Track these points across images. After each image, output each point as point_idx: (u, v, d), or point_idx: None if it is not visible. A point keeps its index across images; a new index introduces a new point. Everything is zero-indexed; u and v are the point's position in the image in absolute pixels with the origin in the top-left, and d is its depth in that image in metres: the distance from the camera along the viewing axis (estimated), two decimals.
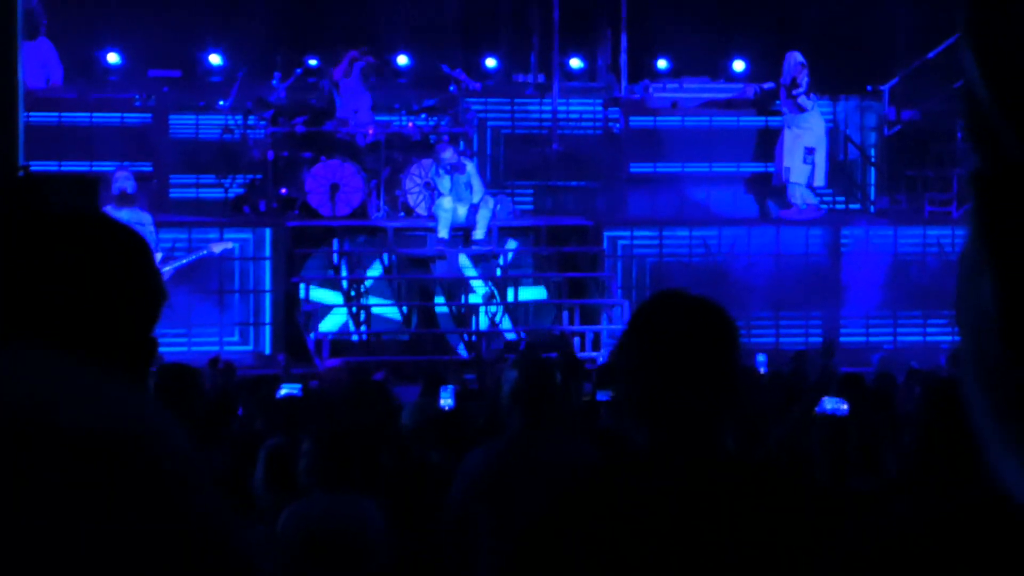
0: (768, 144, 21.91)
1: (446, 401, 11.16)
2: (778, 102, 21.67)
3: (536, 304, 20.57)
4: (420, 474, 8.42)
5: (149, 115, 21.33)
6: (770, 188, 21.89)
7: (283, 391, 11.59)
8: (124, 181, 18.27)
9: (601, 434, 9.12)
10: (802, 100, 21.29)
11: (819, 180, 21.53)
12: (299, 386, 12.49)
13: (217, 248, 18.90)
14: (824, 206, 21.90)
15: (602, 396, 11.73)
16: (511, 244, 20.71)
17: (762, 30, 22.69)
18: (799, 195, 21.44)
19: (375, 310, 20.11)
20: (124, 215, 16.01)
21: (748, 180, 22.34)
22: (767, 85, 21.97)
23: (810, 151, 21.33)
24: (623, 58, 22.49)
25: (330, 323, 19.86)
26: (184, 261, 18.38)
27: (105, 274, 2.68)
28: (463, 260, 20.28)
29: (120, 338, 2.68)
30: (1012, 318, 1.14)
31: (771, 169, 21.84)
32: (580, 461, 6.52)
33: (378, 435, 8.27)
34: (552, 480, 6.40)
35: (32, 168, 8.48)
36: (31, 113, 15.61)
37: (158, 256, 16.58)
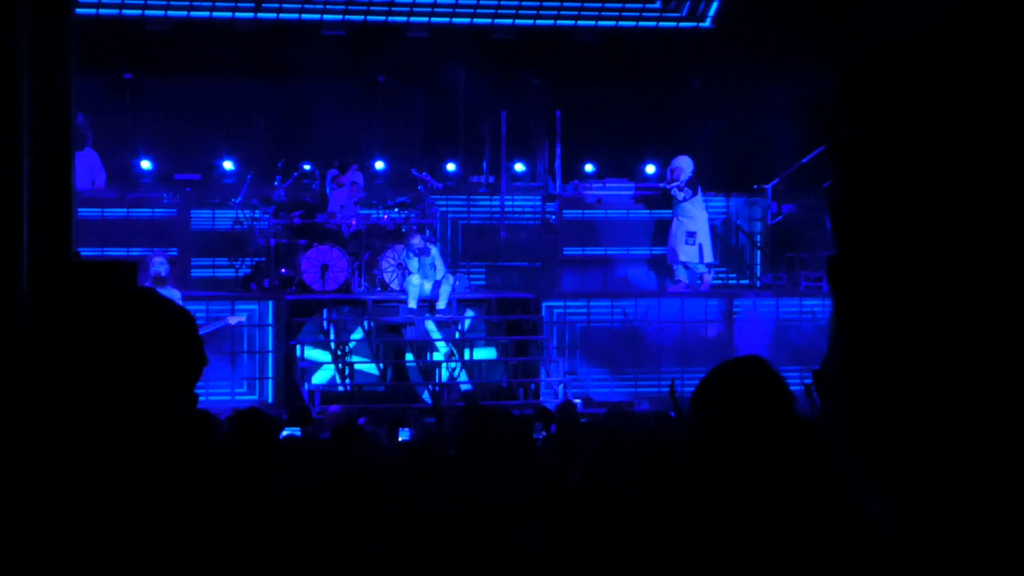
0: None
1: (403, 439, 11.20)
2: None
3: (487, 361, 20.58)
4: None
5: (175, 210, 21.30)
6: (666, 267, 22.00)
7: (284, 433, 11.55)
8: (160, 266, 18.26)
9: (541, 471, 9.14)
10: (674, 192, 21.43)
11: (708, 258, 21.57)
12: (298, 429, 12.47)
13: (233, 320, 18.94)
14: (714, 281, 21.97)
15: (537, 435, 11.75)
16: (469, 313, 20.72)
17: (668, 141, 22.80)
18: (683, 273, 21.53)
19: (357, 366, 20.10)
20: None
21: (651, 260, 22.40)
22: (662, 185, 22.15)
23: (691, 235, 21.37)
24: (558, 163, 22.53)
25: (320, 377, 19.85)
26: (208, 330, 18.33)
27: (167, 341, 2.75)
28: (430, 325, 20.29)
29: (173, 393, 2.75)
30: (850, 364, 1.22)
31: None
32: (515, 494, 6.57)
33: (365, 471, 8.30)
34: (491, 510, 6.46)
35: (81, 254, 8.54)
36: (79, 210, 15.59)
37: None
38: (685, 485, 3.85)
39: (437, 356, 20.35)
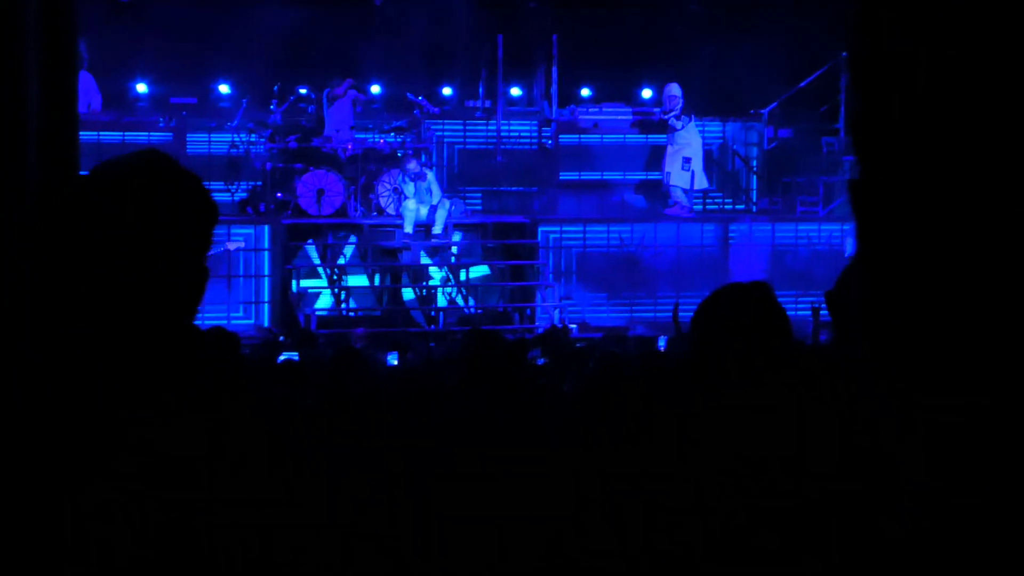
0: None
1: (392, 361, 11.23)
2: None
3: (484, 285, 20.62)
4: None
5: (171, 134, 21.26)
6: (660, 192, 22.00)
7: (282, 357, 11.56)
8: None
9: (539, 390, 9.18)
10: (672, 122, 21.41)
11: (700, 183, 21.59)
12: (296, 353, 12.50)
13: (232, 246, 18.94)
14: (710, 206, 21.99)
15: (540, 361, 11.79)
16: (456, 236, 20.70)
17: (665, 65, 22.73)
18: (679, 196, 21.51)
19: (352, 285, 20.12)
20: None
21: (648, 185, 22.39)
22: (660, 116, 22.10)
23: (687, 160, 21.37)
24: (554, 87, 22.48)
25: (321, 302, 19.91)
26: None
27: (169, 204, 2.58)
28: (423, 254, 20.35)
29: (188, 262, 2.58)
30: (868, 280, 1.25)
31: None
32: (515, 413, 6.60)
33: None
34: (492, 427, 6.50)
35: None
36: None
37: None
38: (679, 406, 3.89)
39: (434, 281, 20.39)
